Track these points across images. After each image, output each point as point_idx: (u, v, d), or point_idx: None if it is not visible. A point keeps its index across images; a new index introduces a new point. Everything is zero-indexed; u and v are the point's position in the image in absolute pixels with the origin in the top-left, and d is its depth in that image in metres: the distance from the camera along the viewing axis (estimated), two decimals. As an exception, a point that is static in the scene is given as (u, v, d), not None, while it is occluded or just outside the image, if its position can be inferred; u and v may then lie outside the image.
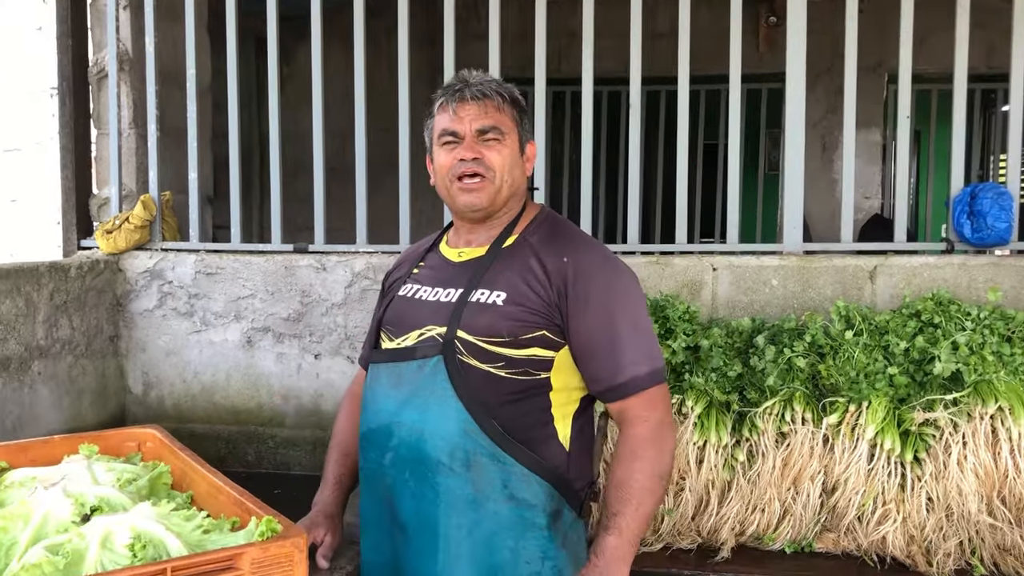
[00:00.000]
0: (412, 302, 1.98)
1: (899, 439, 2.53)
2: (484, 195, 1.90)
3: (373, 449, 1.93)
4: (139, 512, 1.28)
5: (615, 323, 1.88)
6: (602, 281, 1.90)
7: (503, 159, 1.90)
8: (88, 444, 1.67)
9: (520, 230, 1.97)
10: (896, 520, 2.48)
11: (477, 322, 1.83)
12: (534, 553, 1.83)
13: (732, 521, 2.58)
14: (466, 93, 1.89)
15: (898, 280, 3.15)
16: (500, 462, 1.80)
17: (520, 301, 1.84)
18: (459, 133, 1.89)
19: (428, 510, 1.82)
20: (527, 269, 1.88)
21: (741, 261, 3.27)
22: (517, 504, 1.82)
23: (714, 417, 2.67)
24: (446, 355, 1.83)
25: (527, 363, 1.83)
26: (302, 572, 1.23)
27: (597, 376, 1.89)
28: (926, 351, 2.69)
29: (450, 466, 1.80)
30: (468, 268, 1.95)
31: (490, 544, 1.82)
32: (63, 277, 3.41)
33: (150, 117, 3.78)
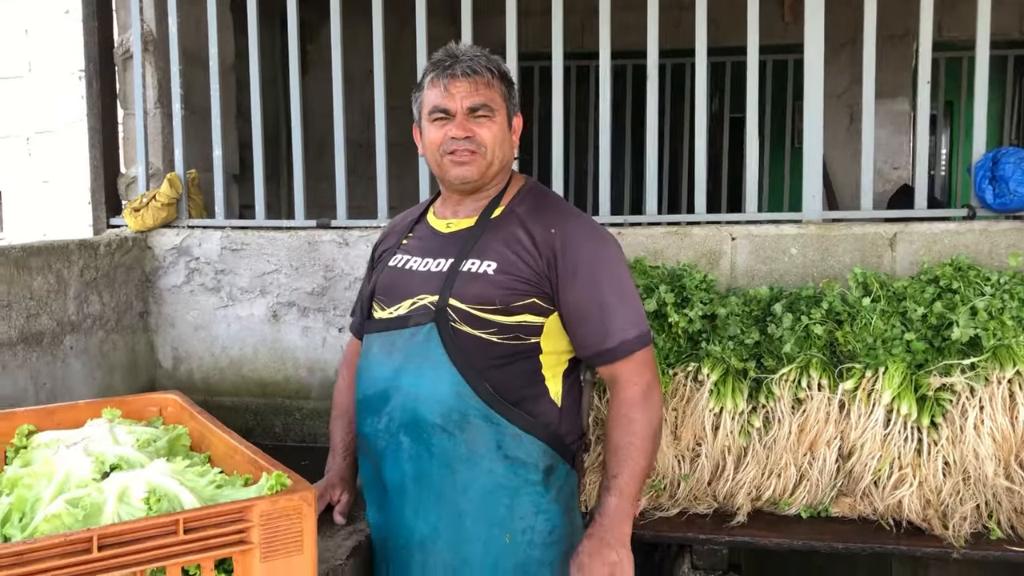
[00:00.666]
0: (403, 272, 2.07)
1: (915, 404, 2.54)
2: (475, 168, 1.98)
3: (370, 414, 2.04)
4: (155, 468, 1.33)
5: (602, 291, 1.97)
6: (589, 250, 1.99)
7: (493, 135, 1.98)
8: (111, 408, 1.73)
9: (507, 201, 2.06)
10: (912, 484, 2.49)
11: (469, 290, 1.93)
12: (528, 508, 1.95)
13: (748, 486, 2.60)
14: (456, 69, 1.94)
15: (918, 247, 3.13)
16: (493, 423, 1.91)
17: (509, 270, 1.93)
18: (450, 110, 1.95)
19: (425, 470, 1.94)
20: (515, 239, 1.97)
21: (760, 230, 3.27)
22: (511, 463, 1.92)
23: (730, 384, 2.69)
24: (439, 322, 1.92)
25: (518, 329, 1.94)
26: (310, 525, 1.27)
27: (586, 342, 1.99)
28: (944, 316, 2.68)
29: (445, 427, 1.90)
30: (457, 239, 2.04)
31: (486, 501, 1.93)
32: (92, 254, 3.48)
33: (174, 97, 3.84)
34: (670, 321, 2.80)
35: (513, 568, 1.94)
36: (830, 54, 3.31)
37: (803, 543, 2.44)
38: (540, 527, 1.96)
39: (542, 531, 1.97)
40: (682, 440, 2.66)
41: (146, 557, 1.16)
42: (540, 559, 1.96)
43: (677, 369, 2.75)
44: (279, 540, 1.25)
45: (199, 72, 3.98)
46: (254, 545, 1.24)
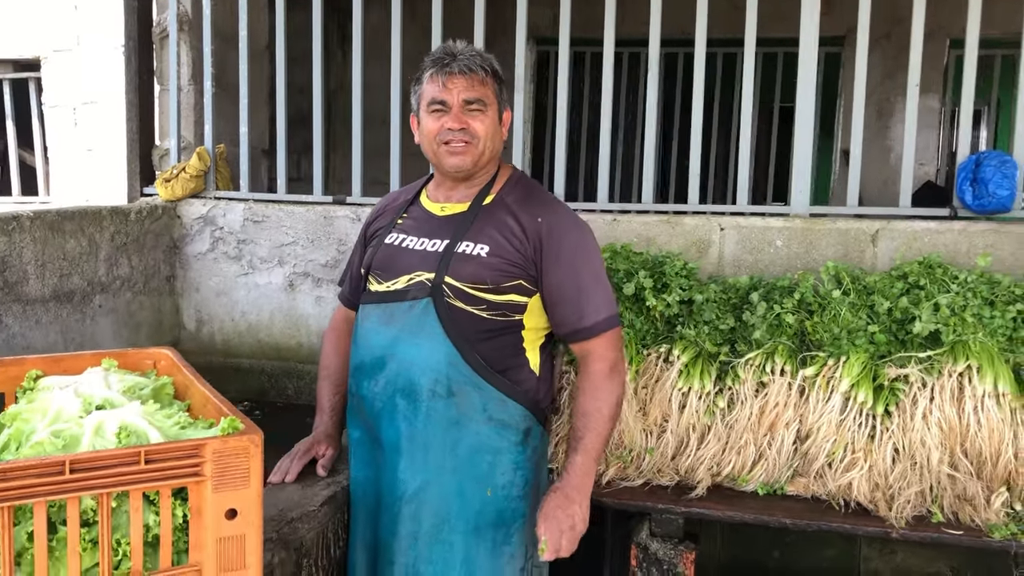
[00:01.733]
0: (400, 250, 2.28)
1: (872, 393, 2.68)
2: (469, 158, 2.21)
3: (366, 378, 2.26)
4: (129, 409, 1.55)
5: (580, 276, 2.22)
6: (571, 239, 2.23)
7: (485, 127, 2.21)
8: (109, 359, 1.96)
9: (497, 190, 2.29)
10: (863, 468, 2.63)
11: (464, 270, 2.16)
12: (508, 465, 2.21)
13: (709, 462, 2.76)
14: (454, 67, 2.16)
15: (899, 244, 3.25)
16: (480, 389, 2.16)
17: (500, 254, 2.17)
18: (447, 103, 2.17)
19: (418, 429, 2.17)
20: (506, 226, 2.20)
21: (747, 222, 3.40)
22: (495, 424, 2.18)
23: (700, 366, 2.85)
24: (435, 297, 2.16)
25: (505, 307, 2.19)
26: (256, 463, 1.48)
27: (564, 320, 2.24)
28: (908, 311, 2.81)
29: (437, 392, 2.14)
30: (452, 222, 2.26)
31: (472, 459, 2.18)
32: (123, 220, 3.74)
33: (206, 75, 4.08)
34: (648, 305, 2.96)
35: (493, 517, 2.20)
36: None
37: (754, 517, 2.61)
38: (518, 482, 2.23)
39: (519, 485, 2.24)
40: (650, 416, 2.83)
41: (111, 481, 1.38)
42: (515, 510, 2.24)
43: (651, 350, 2.91)
44: (228, 474, 1.46)
45: (233, 51, 4.21)
46: (206, 478, 1.45)
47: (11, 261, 3.19)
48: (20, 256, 3.23)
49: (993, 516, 2.52)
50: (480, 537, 2.19)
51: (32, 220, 3.28)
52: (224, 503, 1.47)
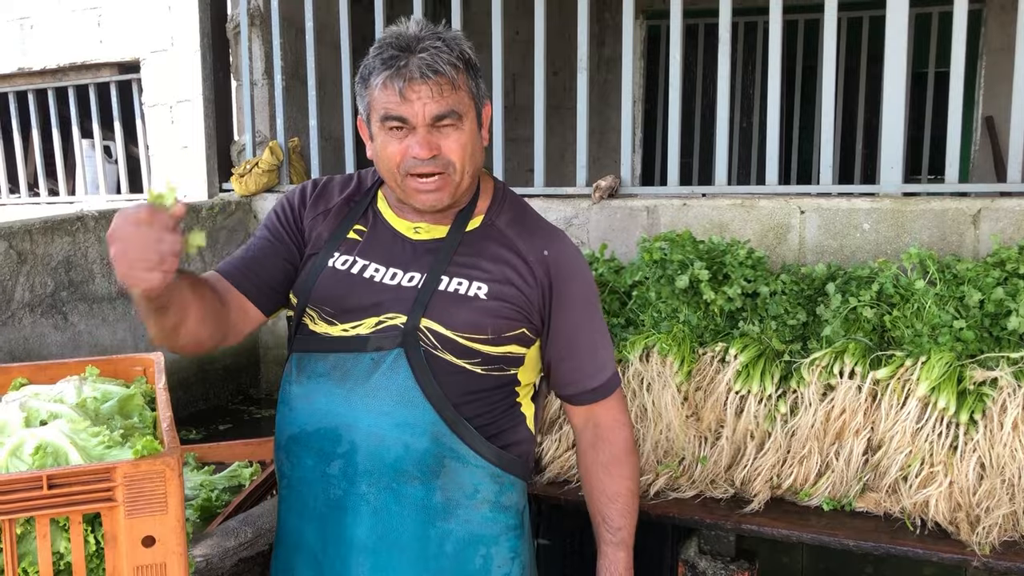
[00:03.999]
0: (361, 281, 1.69)
1: (955, 398, 2.34)
2: (445, 193, 1.64)
3: (311, 455, 1.69)
4: (55, 426, 1.48)
5: (592, 324, 1.78)
6: (580, 279, 1.77)
7: (462, 146, 1.62)
8: (93, 367, 1.91)
9: (484, 209, 1.76)
10: (942, 484, 2.31)
11: (457, 316, 1.64)
12: (506, 556, 1.74)
13: (767, 473, 2.49)
14: (414, 70, 1.56)
15: (1006, 225, 2.86)
16: (472, 465, 1.67)
17: (502, 296, 1.66)
18: (409, 121, 1.58)
19: (391, 524, 1.65)
20: (505, 262, 1.69)
21: (831, 203, 3.09)
22: (491, 507, 1.70)
23: (761, 366, 2.58)
24: (407, 347, 1.62)
25: (501, 360, 1.69)
26: (175, 487, 1.37)
27: (573, 378, 1.78)
28: (1003, 304, 2.45)
29: (417, 475, 1.63)
30: (430, 249, 1.71)
31: (462, 555, 1.69)
32: (194, 217, 3.78)
33: (275, 68, 4.07)
34: (705, 299, 2.71)
35: None
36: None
37: (812, 537, 2.33)
38: (515, 572, 1.77)
39: (516, 575, 1.78)
40: (703, 421, 2.59)
41: (14, 507, 1.30)
42: None
43: (707, 348, 2.66)
44: (143, 499, 1.36)
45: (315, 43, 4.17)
46: (118, 503, 1.35)
47: (76, 260, 3.26)
48: (85, 255, 3.29)
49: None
50: None
51: (97, 220, 3.33)
52: (140, 529, 1.36)
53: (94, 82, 5.77)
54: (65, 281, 3.21)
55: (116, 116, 5.72)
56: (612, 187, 3.45)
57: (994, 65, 5.92)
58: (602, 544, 1.82)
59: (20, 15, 5.74)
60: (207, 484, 2.52)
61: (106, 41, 5.52)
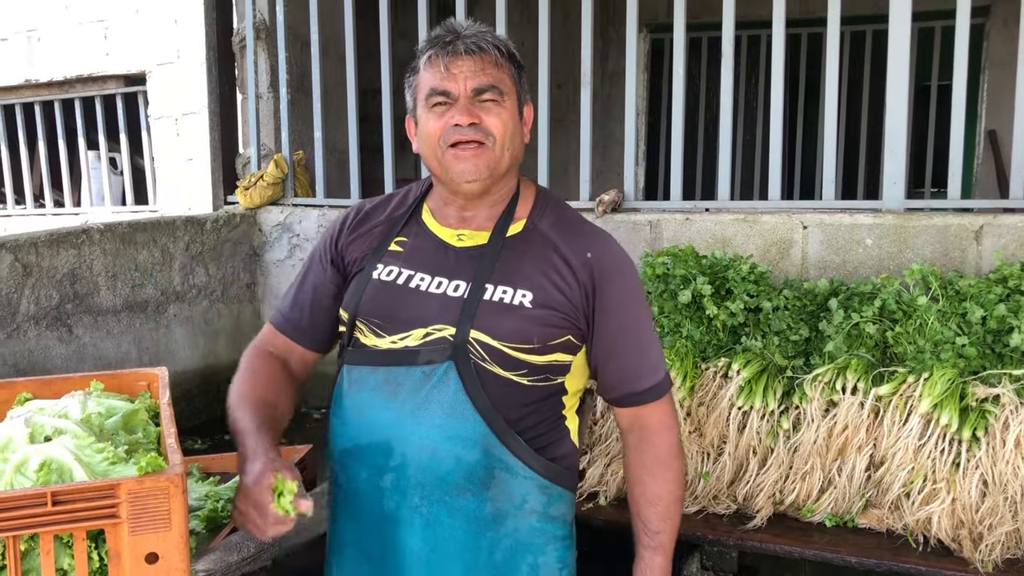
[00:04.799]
0: (408, 291, 1.69)
1: (957, 415, 2.34)
2: (483, 162, 1.64)
3: (364, 468, 1.70)
4: (59, 442, 1.49)
5: (638, 326, 1.76)
6: (625, 281, 1.74)
7: (503, 123, 1.64)
8: (97, 381, 1.91)
9: (526, 212, 1.76)
10: (945, 501, 2.31)
11: (503, 325, 1.63)
12: (554, 566, 1.74)
13: (770, 489, 2.50)
14: (459, 46, 1.63)
15: (1008, 241, 2.86)
16: (521, 476, 1.67)
17: (549, 304, 1.65)
18: (452, 93, 1.62)
19: (443, 536, 1.67)
20: (551, 266, 1.68)
21: (833, 219, 3.09)
22: (538, 518, 1.71)
23: (763, 382, 2.59)
24: (458, 360, 1.62)
25: (548, 369, 1.68)
26: (178, 504, 1.38)
27: (619, 382, 1.75)
28: (1005, 321, 2.45)
29: (468, 486, 1.64)
30: (473, 256, 1.70)
31: (509, 563, 1.70)
32: (199, 230, 3.79)
33: (281, 81, 4.09)
34: (708, 314, 2.72)
35: None
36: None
37: (814, 553, 2.33)
38: None
39: None
40: (706, 437, 2.59)
41: (18, 524, 1.31)
42: None
43: (710, 364, 2.67)
44: (147, 516, 1.36)
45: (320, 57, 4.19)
46: (122, 520, 1.36)
47: (81, 273, 3.27)
48: (90, 268, 3.30)
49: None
50: None
51: (102, 232, 3.35)
52: (143, 546, 1.37)
53: (100, 94, 5.79)
54: (70, 294, 3.23)
55: (122, 128, 5.75)
56: (615, 201, 3.46)
57: (997, 79, 5.93)
58: (639, 548, 1.78)
59: (28, 27, 5.77)
60: (212, 495, 2.51)
61: (112, 54, 5.55)
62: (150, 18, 5.33)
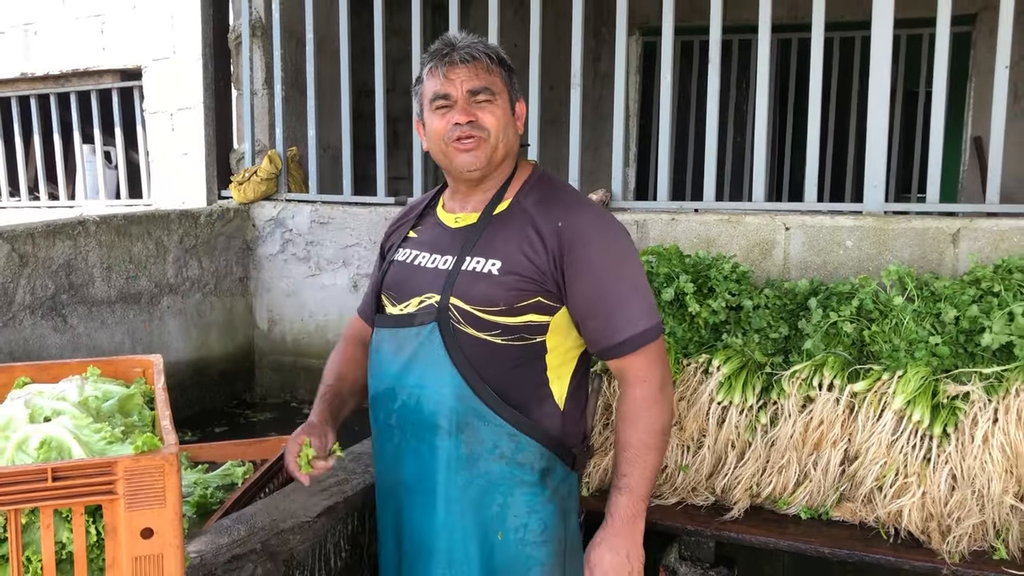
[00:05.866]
0: (412, 268, 2.03)
1: (929, 412, 2.42)
2: (481, 154, 1.92)
3: (381, 410, 2.05)
4: (58, 422, 1.55)
5: (613, 284, 1.91)
6: (598, 244, 1.92)
7: (496, 119, 1.92)
8: (94, 367, 1.97)
9: (513, 193, 2.00)
10: (916, 494, 2.38)
11: (473, 290, 1.89)
12: (522, 507, 1.94)
13: (747, 481, 2.57)
14: (455, 56, 1.91)
15: (983, 244, 2.95)
16: (491, 424, 1.90)
17: (515, 270, 1.88)
18: (451, 96, 1.91)
19: (427, 469, 1.95)
20: (523, 237, 1.91)
21: (815, 221, 3.17)
22: (507, 463, 1.92)
23: (743, 378, 2.66)
24: (440, 322, 1.90)
25: (522, 329, 1.90)
26: (173, 482, 1.44)
27: (594, 337, 1.94)
28: (977, 321, 2.53)
29: (446, 428, 1.91)
30: (462, 235, 1.98)
31: (481, 500, 1.93)
32: (193, 224, 3.85)
33: (275, 78, 4.15)
34: (691, 311, 2.79)
35: (505, 564, 1.96)
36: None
37: (789, 544, 2.40)
38: (533, 526, 1.96)
39: (535, 530, 1.96)
40: (686, 431, 2.66)
41: (19, 498, 1.37)
42: (531, 556, 1.97)
43: (692, 360, 2.74)
44: (142, 493, 1.42)
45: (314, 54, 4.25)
46: (119, 496, 1.42)
47: (76, 264, 3.32)
48: (86, 259, 3.36)
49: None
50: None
51: (98, 224, 3.40)
52: (138, 522, 1.43)
53: (96, 88, 5.84)
54: (65, 284, 3.28)
55: (117, 122, 5.80)
56: (603, 201, 3.52)
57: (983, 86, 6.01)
58: (611, 487, 1.96)
59: (25, 21, 5.81)
60: (200, 482, 2.59)
61: (109, 48, 5.59)
62: (147, 14, 5.38)
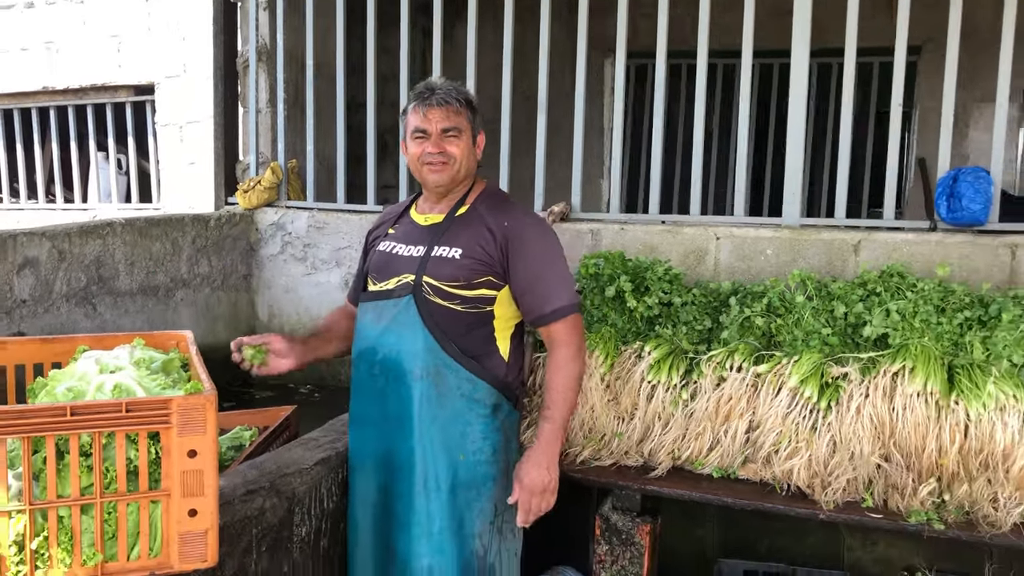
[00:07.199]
0: (391, 256, 2.72)
1: (818, 390, 2.95)
2: (446, 175, 2.64)
3: (364, 363, 2.72)
4: (125, 373, 2.06)
5: (544, 270, 2.63)
6: (534, 239, 2.65)
7: (460, 150, 2.64)
8: (139, 339, 2.49)
9: (471, 201, 2.72)
10: (804, 456, 2.91)
11: (442, 270, 2.58)
12: (478, 434, 2.64)
13: (670, 446, 3.09)
14: (432, 100, 2.60)
15: (879, 254, 3.48)
16: (455, 371, 2.59)
17: (472, 255, 2.59)
18: (428, 131, 2.61)
19: (405, 405, 2.61)
20: (479, 233, 2.62)
21: (741, 232, 3.70)
22: (467, 400, 2.62)
23: (669, 362, 3.18)
24: (416, 295, 2.59)
25: (476, 300, 2.60)
26: (212, 416, 1.96)
27: (530, 308, 2.66)
28: (861, 316, 3.06)
29: (419, 375, 2.58)
30: (431, 230, 2.69)
31: (448, 428, 2.61)
32: (204, 226, 4.36)
33: (278, 98, 4.67)
34: (629, 306, 3.32)
35: (466, 478, 2.62)
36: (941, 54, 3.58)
37: (700, 496, 2.92)
38: (486, 449, 2.65)
39: (487, 452, 2.65)
40: (621, 405, 3.18)
41: (101, 424, 1.87)
42: (485, 473, 2.65)
43: (628, 346, 3.26)
44: (190, 424, 1.94)
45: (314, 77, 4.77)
46: (173, 425, 1.93)
47: (105, 260, 3.83)
48: (113, 256, 3.87)
49: (918, 504, 2.76)
50: (455, 494, 2.61)
51: (123, 226, 3.91)
52: (186, 445, 1.94)
53: (111, 102, 6.37)
54: (95, 277, 3.79)
55: (130, 133, 6.32)
56: (563, 212, 4.06)
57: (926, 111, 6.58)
58: (538, 422, 2.67)
59: (47, 39, 6.33)
60: (214, 445, 3.11)
61: (124, 66, 6.12)
62: (160, 35, 5.90)
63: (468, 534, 2.63)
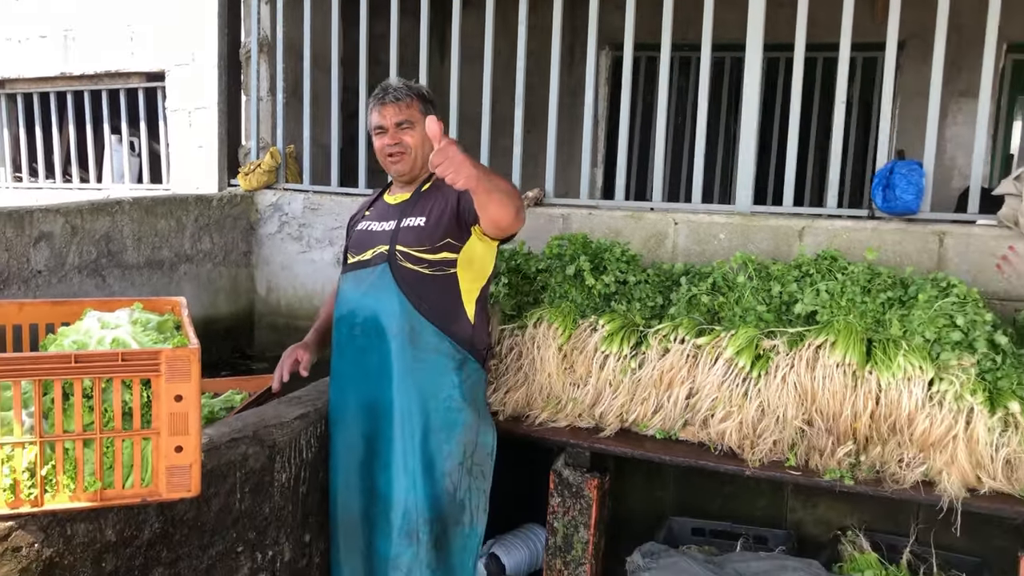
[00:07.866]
0: (368, 232, 3.08)
1: (751, 360, 3.26)
2: (405, 164, 3.02)
3: (345, 325, 3.06)
4: (123, 330, 2.40)
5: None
6: None
7: (414, 140, 2.99)
8: (138, 303, 2.82)
9: (431, 182, 3.06)
10: (735, 420, 3.23)
11: (408, 237, 2.93)
12: (447, 385, 2.97)
13: (618, 410, 3.41)
14: (387, 98, 2.97)
15: (822, 240, 3.78)
16: (427, 329, 2.92)
17: (434, 222, 2.94)
18: (384, 126, 2.99)
19: (384, 361, 2.94)
20: (438, 203, 2.96)
21: (697, 218, 4.00)
22: (438, 354, 2.95)
23: (621, 334, 3.50)
24: (390, 262, 2.93)
25: (441, 263, 2.93)
26: (195, 367, 2.28)
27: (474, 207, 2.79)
28: (793, 295, 3.37)
29: (395, 333, 2.91)
30: (400, 207, 3.06)
31: (421, 380, 2.93)
32: (207, 206, 4.70)
33: (278, 87, 4.99)
34: (588, 284, 3.63)
35: (438, 423, 2.95)
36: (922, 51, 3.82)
37: (641, 454, 3.25)
38: (456, 397, 2.97)
39: (457, 399, 2.97)
40: (576, 372, 3.50)
41: (100, 370, 2.21)
42: (454, 420, 2.98)
43: (586, 320, 3.58)
44: (177, 372, 2.27)
45: (312, 67, 5.09)
46: (162, 373, 2.27)
47: (114, 235, 4.18)
48: (121, 232, 4.21)
49: (835, 464, 3.07)
50: (428, 437, 2.93)
51: (131, 204, 4.26)
52: (173, 390, 2.27)
53: (125, 87, 6.72)
54: (105, 251, 4.13)
55: (142, 117, 6.67)
56: (537, 198, 4.37)
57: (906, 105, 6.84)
58: None
59: (64, 28, 6.68)
60: (208, 405, 3.45)
61: (137, 54, 6.46)
62: (171, 26, 6.24)
63: (439, 473, 2.95)
